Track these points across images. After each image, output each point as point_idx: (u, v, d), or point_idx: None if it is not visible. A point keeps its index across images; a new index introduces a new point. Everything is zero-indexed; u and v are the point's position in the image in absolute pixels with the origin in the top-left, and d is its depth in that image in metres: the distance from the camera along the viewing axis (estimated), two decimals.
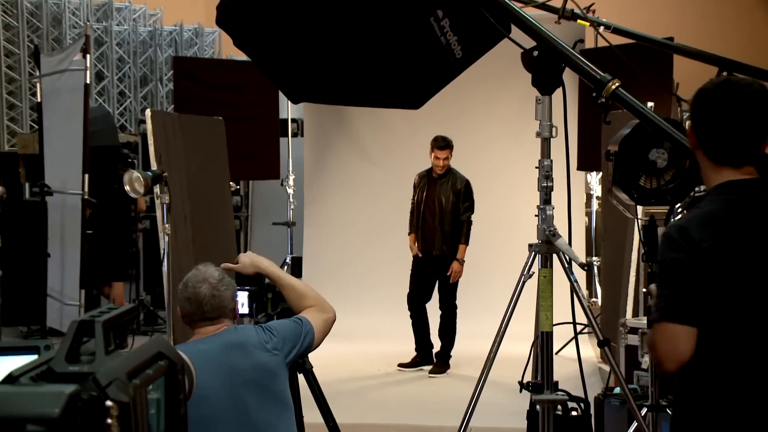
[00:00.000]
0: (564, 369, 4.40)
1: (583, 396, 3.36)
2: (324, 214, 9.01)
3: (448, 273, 6.74)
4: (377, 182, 8.78)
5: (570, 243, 3.28)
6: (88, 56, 7.11)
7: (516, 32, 3.11)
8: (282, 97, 8.50)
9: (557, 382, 3.25)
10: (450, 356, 6.87)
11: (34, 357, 1.11)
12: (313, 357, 3.18)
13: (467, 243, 6.76)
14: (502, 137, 8.57)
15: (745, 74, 3.65)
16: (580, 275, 7.12)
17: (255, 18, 3.24)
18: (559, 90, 3.10)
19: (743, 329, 2.09)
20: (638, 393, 4.33)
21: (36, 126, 9.05)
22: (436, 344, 6.93)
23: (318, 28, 3.22)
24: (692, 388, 2.15)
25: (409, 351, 6.98)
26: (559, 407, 3.30)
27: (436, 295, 6.92)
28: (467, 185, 6.83)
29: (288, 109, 9.42)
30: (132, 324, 1.25)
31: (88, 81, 7.12)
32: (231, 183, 7.40)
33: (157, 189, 4.74)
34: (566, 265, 3.25)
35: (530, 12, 3.31)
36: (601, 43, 6.78)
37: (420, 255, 6.88)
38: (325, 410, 3.29)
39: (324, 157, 9.04)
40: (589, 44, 8.29)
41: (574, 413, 3.37)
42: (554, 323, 3.30)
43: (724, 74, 3.93)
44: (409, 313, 6.92)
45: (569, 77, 3.09)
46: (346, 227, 8.90)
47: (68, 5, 10.98)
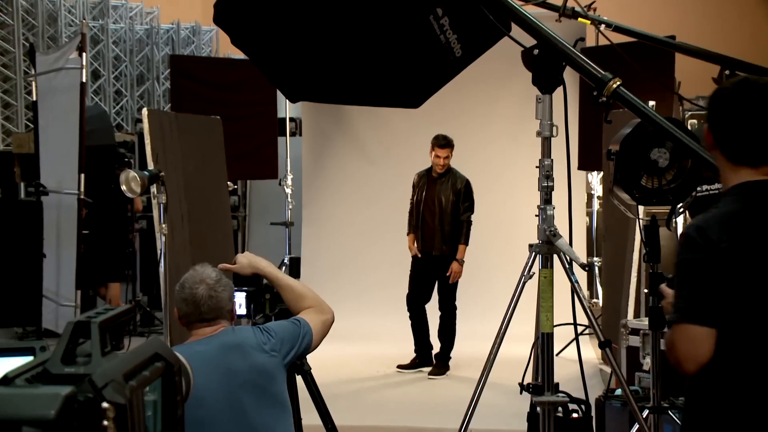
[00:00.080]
0: (565, 370, 4.39)
1: (584, 398, 3.34)
2: (322, 214, 8.98)
3: (448, 273, 6.71)
4: (376, 182, 8.76)
5: (571, 243, 3.27)
6: (84, 54, 7.07)
7: (516, 30, 3.10)
8: (280, 96, 8.49)
9: (558, 384, 3.25)
10: (450, 357, 6.84)
11: (30, 358, 1.10)
12: (312, 358, 3.16)
13: (467, 243, 6.74)
14: (502, 137, 8.55)
15: (747, 73, 3.62)
16: (581, 276, 7.09)
17: (253, 16, 3.23)
18: (560, 89, 3.10)
19: (762, 330, 2.08)
20: (640, 395, 4.33)
21: (31, 125, 9.01)
22: (436, 345, 6.91)
23: (316, 26, 3.21)
24: (708, 390, 2.13)
25: (409, 352, 6.96)
26: (560, 409, 3.29)
27: (436, 296, 6.90)
28: (467, 185, 6.80)
29: (286, 108, 9.41)
30: (128, 325, 1.22)
31: (84, 79, 7.09)
32: (228, 183, 7.38)
33: (154, 189, 4.71)
34: (567, 266, 3.24)
35: (530, 10, 3.29)
36: (602, 42, 6.80)
37: (419, 255, 6.86)
38: (324, 412, 3.28)
39: (322, 157, 9.01)
40: (590, 43, 8.29)
41: (575, 415, 3.36)
42: (555, 324, 3.30)
43: (726, 72, 3.92)
44: (409, 314, 6.90)
45: (570, 76, 3.07)
46: (345, 227, 8.87)
47: (64, 3, 10.94)
